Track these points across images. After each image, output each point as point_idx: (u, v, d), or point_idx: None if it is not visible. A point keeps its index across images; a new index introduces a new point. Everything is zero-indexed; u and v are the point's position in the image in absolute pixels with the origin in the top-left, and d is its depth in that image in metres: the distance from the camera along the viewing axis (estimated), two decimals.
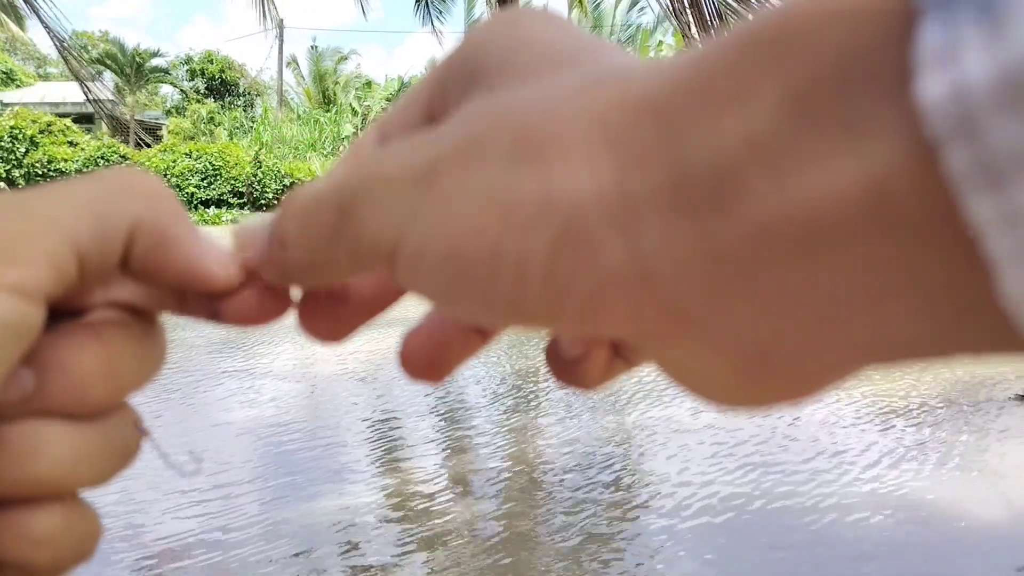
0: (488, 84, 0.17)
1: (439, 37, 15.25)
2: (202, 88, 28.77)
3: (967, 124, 0.09)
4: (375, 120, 0.22)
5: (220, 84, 29.07)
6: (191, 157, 17.05)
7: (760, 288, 0.12)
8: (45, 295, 0.17)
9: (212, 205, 16.85)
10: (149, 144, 17.76)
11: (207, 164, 16.99)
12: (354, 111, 23.63)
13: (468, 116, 0.16)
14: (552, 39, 0.17)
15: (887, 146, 0.10)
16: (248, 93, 29.74)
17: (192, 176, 16.88)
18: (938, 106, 0.10)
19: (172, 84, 29.21)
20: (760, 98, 0.12)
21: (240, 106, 28.55)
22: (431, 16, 15.28)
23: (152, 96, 28.64)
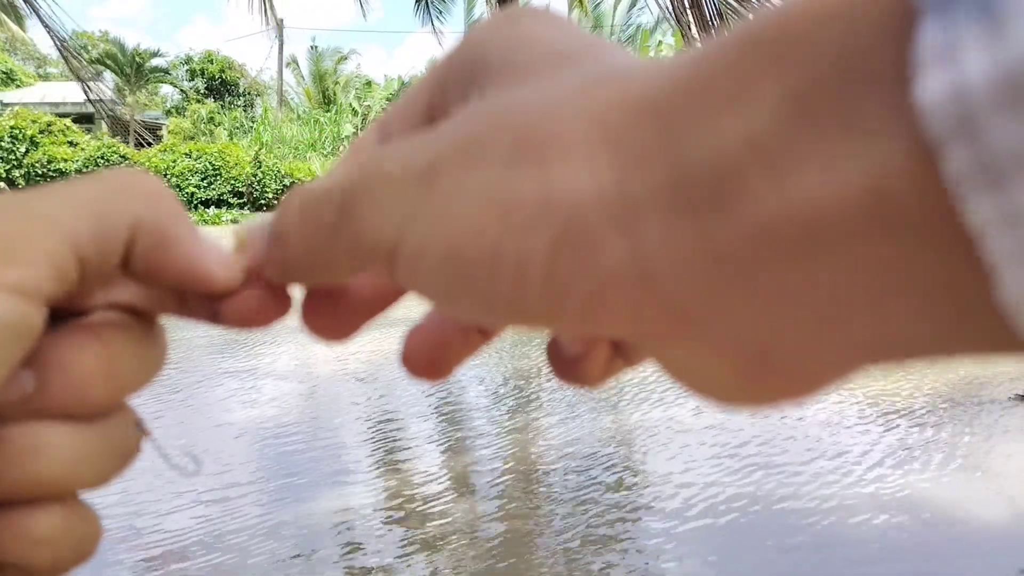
0: (488, 84, 0.17)
1: (439, 37, 15.25)
2: (202, 88, 28.75)
3: (967, 124, 0.09)
4: (375, 120, 0.22)
5: (220, 84, 29.05)
6: (191, 157, 17.03)
7: (760, 288, 0.12)
8: (45, 295, 0.17)
9: (212, 205, 16.83)
10: (150, 143, 17.75)
11: (207, 164, 16.98)
12: (354, 111, 23.62)
13: (468, 116, 0.16)
14: (552, 39, 0.17)
15: (887, 146, 0.10)
16: (248, 93, 29.72)
17: (192, 176, 16.86)
18: (938, 106, 0.10)
19: (172, 84, 29.20)
20: (760, 98, 0.12)
21: (240, 106, 28.53)
22: (431, 16, 15.28)
23: (152, 96, 28.64)
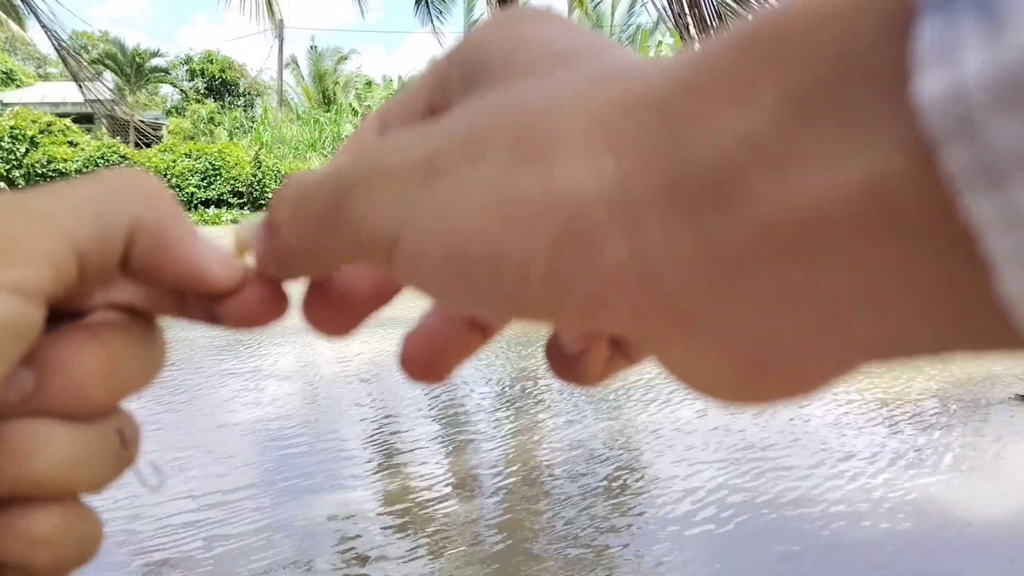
0: (489, 83, 0.17)
1: (439, 37, 15.25)
2: (202, 88, 28.74)
3: (966, 124, 0.09)
4: (376, 111, 0.21)
5: (220, 84, 29.04)
6: (191, 157, 17.02)
7: (760, 288, 0.12)
8: (45, 295, 0.17)
9: (212, 205, 16.82)
10: (149, 144, 17.76)
11: (207, 164, 16.97)
12: (354, 111, 23.64)
13: (469, 113, 0.16)
14: (553, 38, 0.17)
15: (886, 146, 0.10)
16: (248, 93, 29.71)
17: (192, 176, 16.85)
18: (936, 106, 0.10)
19: (172, 84, 29.21)
20: (759, 98, 0.12)
21: (240, 106, 28.52)
22: (431, 16, 15.27)
23: (152, 96, 28.64)
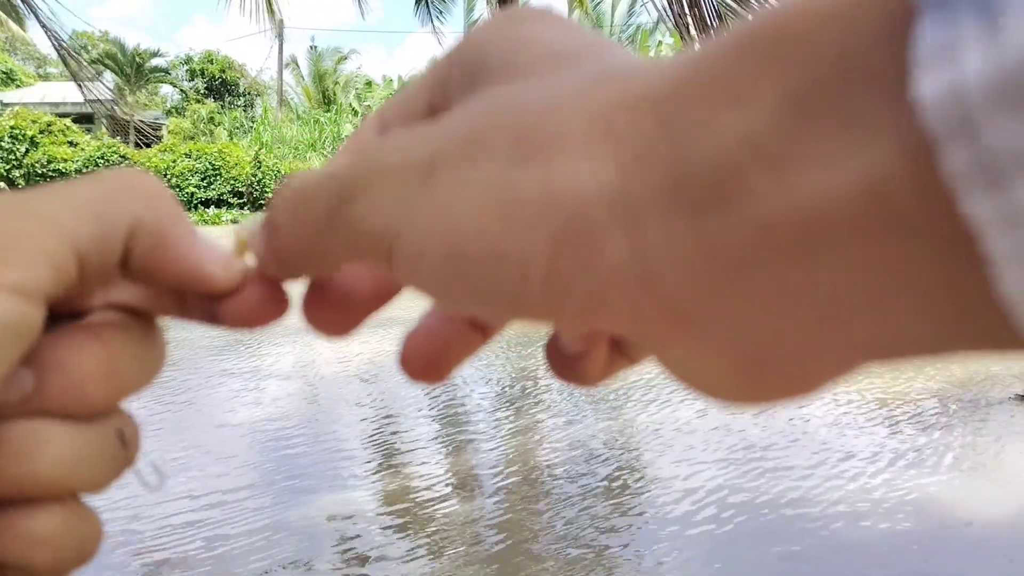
0: (489, 82, 0.17)
1: (439, 37, 15.25)
2: (202, 88, 28.73)
3: (965, 124, 0.09)
4: (376, 111, 0.21)
5: (220, 84, 29.03)
6: (191, 157, 17.01)
7: (760, 288, 0.12)
8: (45, 295, 0.17)
9: (212, 205, 16.81)
10: (149, 144, 17.77)
11: (207, 164, 16.96)
12: (354, 111, 23.64)
13: (469, 113, 0.16)
14: (553, 38, 0.17)
15: (886, 145, 0.10)
16: (248, 93, 29.70)
17: (192, 176, 16.84)
18: (936, 105, 0.10)
19: (172, 84, 29.20)
20: (760, 98, 0.12)
21: (240, 106, 28.52)
22: (431, 16, 15.27)
23: (152, 96, 28.64)
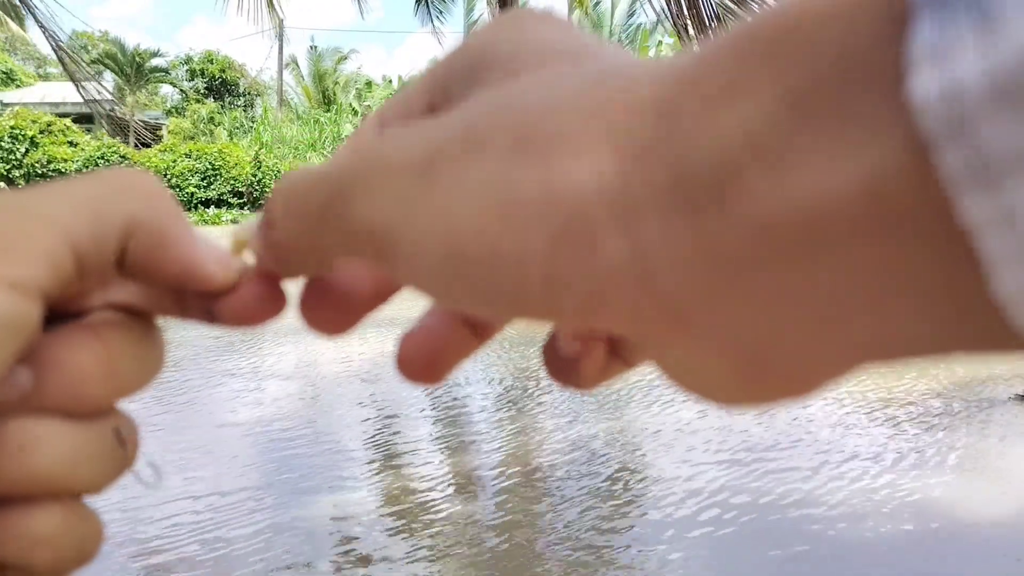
0: (490, 82, 0.17)
1: (439, 37, 15.26)
2: (202, 88, 28.73)
3: (961, 124, 0.09)
4: (376, 111, 0.21)
5: (220, 84, 29.03)
6: (191, 157, 17.03)
7: (760, 288, 0.12)
8: (42, 292, 0.17)
9: (212, 205, 16.83)
10: (149, 144, 17.78)
11: (207, 164, 16.98)
12: (354, 111, 23.65)
13: (469, 110, 0.16)
14: (554, 40, 0.17)
15: (884, 145, 0.10)
16: (248, 93, 29.70)
17: (192, 176, 16.86)
18: (931, 105, 0.10)
19: (172, 84, 29.19)
20: (759, 97, 0.12)
21: (240, 106, 28.52)
22: (431, 16, 15.28)
23: (152, 96, 28.64)
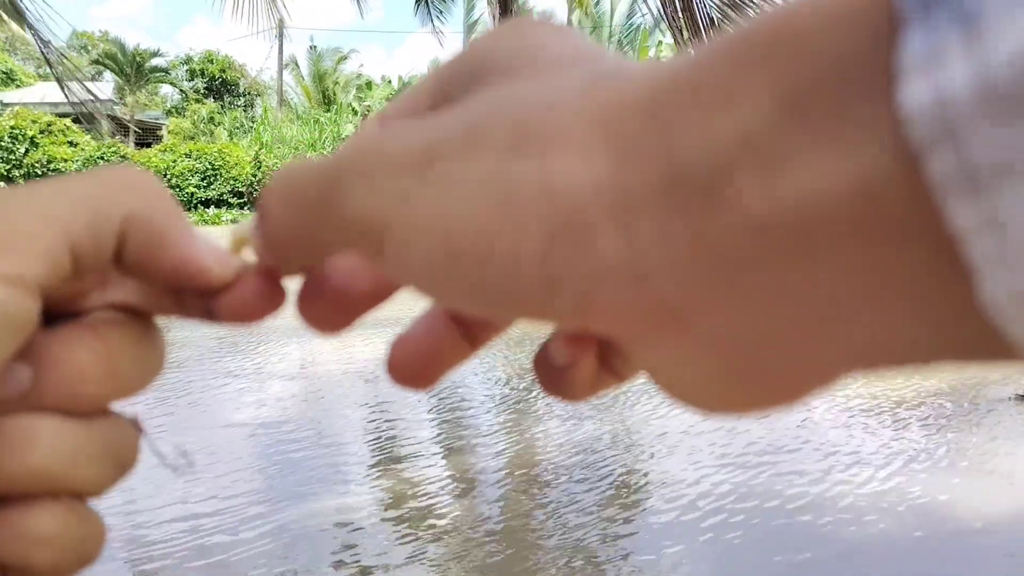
0: (490, 83, 0.17)
1: (439, 37, 15.26)
2: (202, 88, 28.74)
3: (948, 131, 0.10)
4: (378, 112, 0.22)
5: (220, 84, 29.04)
6: (191, 157, 17.05)
7: (759, 288, 0.12)
8: (39, 286, 0.18)
9: (212, 205, 16.84)
10: (149, 144, 17.80)
11: (207, 164, 16.99)
12: (354, 111, 23.67)
13: (469, 109, 0.16)
14: (554, 44, 0.17)
15: (876, 148, 0.11)
16: (248, 93, 29.71)
17: (192, 176, 16.87)
18: (920, 113, 0.10)
19: (172, 84, 29.19)
20: (756, 99, 0.12)
21: (240, 106, 28.53)
22: (431, 16, 15.28)
23: (152, 96, 28.65)
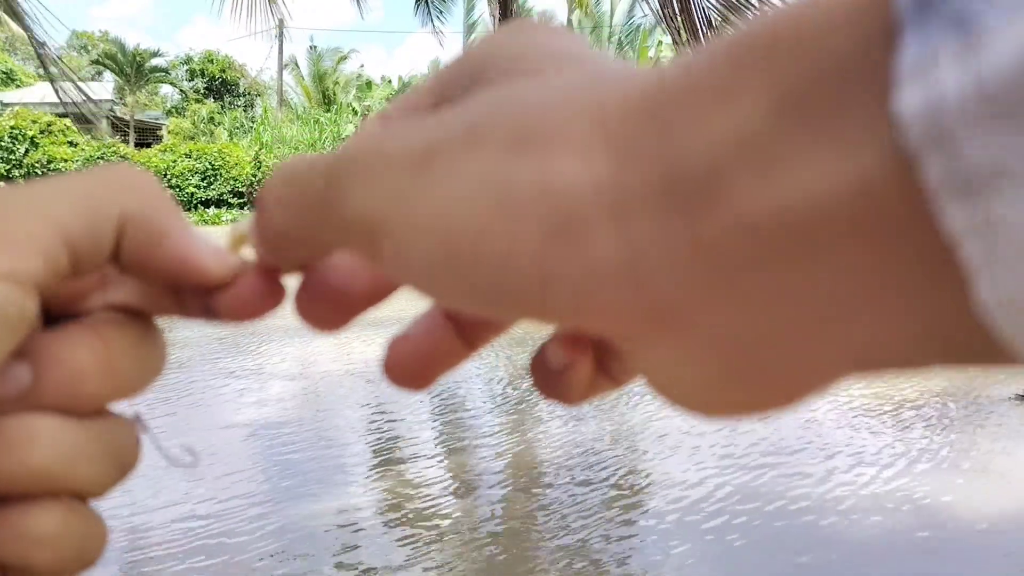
0: (491, 84, 0.17)
1: (439, 37, 15.27)
2: (202, 88, 28.76)
3: (942, 136, 0.10)
4: (378, 113, 0.22)
5: (220, 84, 29.05)
6: (191, 157, 17.07)
7: (759, 288, 0.12)
8: (36, 284, 0.18)
9: (212, 205, 16.86)
10: (150, 144, 17.82)
11: (207, 164, 17.02)
12: (354, 111, 23.68)
13: (469, 108, 0.16)
14: (555, 46, 0.18)
15: (873, 151, 0.11)
16: (248, 93, 29.73)
17: (192, 176, 16.90)
18: (915, 118, 0.10)
19: (172, 84, 29.20)
20: (753, 100, 0.12)
21: (240, 106, 28.55)
22: (431, 16, 15.28)
23: (152, 96, 28.67)
